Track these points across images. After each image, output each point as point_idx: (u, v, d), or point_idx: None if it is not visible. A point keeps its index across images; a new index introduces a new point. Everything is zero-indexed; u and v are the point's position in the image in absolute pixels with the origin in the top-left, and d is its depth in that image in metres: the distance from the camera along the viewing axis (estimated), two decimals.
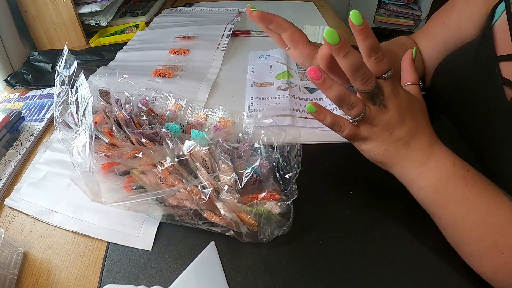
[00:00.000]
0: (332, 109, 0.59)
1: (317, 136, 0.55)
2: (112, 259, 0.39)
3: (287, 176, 0.41)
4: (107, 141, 0.43)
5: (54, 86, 0.44)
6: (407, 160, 0.36)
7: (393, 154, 0.36)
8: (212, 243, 0.39)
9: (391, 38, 0.59)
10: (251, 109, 0.61)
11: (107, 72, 0.70)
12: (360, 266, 0.37)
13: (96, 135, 0.42)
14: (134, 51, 0.81)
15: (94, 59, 0.80)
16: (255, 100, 0.63)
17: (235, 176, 0.38)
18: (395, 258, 0.38)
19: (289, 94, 0.63)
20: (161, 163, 0.39)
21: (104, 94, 0.48)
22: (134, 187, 0.39)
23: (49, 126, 0.60)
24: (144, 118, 0.48)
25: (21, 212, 0.44)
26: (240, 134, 0.48)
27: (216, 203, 0.37)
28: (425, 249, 0.39)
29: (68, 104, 0.43)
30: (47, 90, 0.68)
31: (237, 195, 0.38)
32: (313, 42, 0.48)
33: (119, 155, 0.41)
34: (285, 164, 0.42)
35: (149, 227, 0.41)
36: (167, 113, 0.53)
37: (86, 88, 0.41)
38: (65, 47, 0.45)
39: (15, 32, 0.78)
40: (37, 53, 0.78)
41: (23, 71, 0.73)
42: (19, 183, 0.48)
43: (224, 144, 0.43)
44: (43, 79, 0.73)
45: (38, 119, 0.60)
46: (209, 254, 0.38)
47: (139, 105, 0.51)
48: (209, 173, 0.39)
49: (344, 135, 0.37)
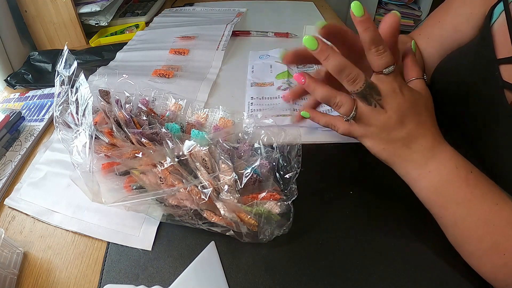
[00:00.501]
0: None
1: (317, 136, 0.55)
2: (112, 259, 0.39)
3: (287, 176, 0.41)
4: (107, 141, 0.43)
5: (54, 86, 0.44)
6: (407, 161, 0.36)
7: (392, 154, 0.36)
8: (212, 243, 0.39)
9: None
10: (251, 109, 0.61)
11: (107, 72, 0.70)
12: (360, 266, 0.37)
13: (96, 135, 0.42)
14: (134, 51, 0.81)
15: (94, 59, 0.80)
16: (255, 100, 0.63)
17: (235, 176, 0.38)
18: (395, 258, 0.38)
19: None
20: (161, 163, 0.39)
21: (104, 94, 0.48)
22: (134, 187, 0.39)
23: (49, 126, 0.60)
24: (144, 118, 0.48)
25: (21, 212, 0.44)
26: (240, 134, 0.48)
27: (216, 203, 0.37)
28: (425, 249, 0.39)
29: (68, 104, 0.43)
30: (47, 90, 0.68)
31: (237, 195, 0.38)
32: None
33: (119, 155, 0.41)
34: (285, 164, 0.42)
35: (149, 227, 0.41)
36: (167, 113, 0.53)
37: (86, 88, 0.41)
38: (65, 47, 0.45)
39: (15, 32, 0.78)
40: (37, 53, 0.78)
41: (23, 71, 0.73)
42: (19, 183, 0.48)
43: (224, 144, 0.43)
44: (43, 79, 0.73)
45: (38, 119, 0.60)
46: (209, 254, 0.38)
47: (139, 105, 0.51)
48: (209, 173, 0.39)
49: (340, 133, 0.38)
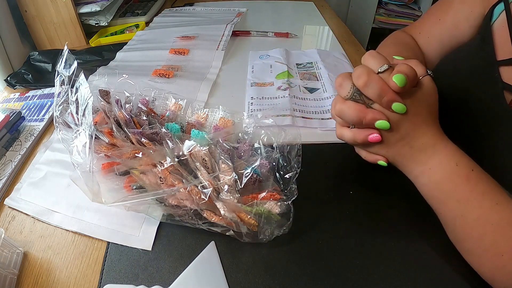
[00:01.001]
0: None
1: (317, 136, 0.55)
2: (112, 259, 0.39)
3: (287, 176, 0.41)
4: (107, 141, 0.43)
5: (54, 86, 0.44)
6: (410, 160, 0.36)
7: (396, 155, 0.37)
8: (212, 243, 0.39)
9: None
10: (251, 109, 0.61)
11: (107, 72, 0.70)
12: (360, 266, 0.37)
13: (96, 135, 0.42)
14: (134, 51, 0.81)
15: (94, 59, 0.80)
16: (255, 100, 0.63)
17: (235, 176, 0.38)
18: (395, 258, 0.38)
19: (289, 94, 0.63)
20: (161, 163, 0.39)
21: (104, 94, 0.48)
22: (134, 187, 0.39)
23: (49, 126, 0.60)
24: (144, 118, 0.48)
25: (21, 212, 0.44)
26: (240, 134, 0.48)
27: (216, 203, 0.37)
28: (425, 249, 0.39)
29: (68, 104, 0.43)
30: (47, 90, 0.68)
31: (237, 195, 0.38)
32: None
33: (119, 155, 0.41)
34: (285, 164, 0.42)
35: (149, 227, 0.41)
36: (167, 113, 0.53)
37: (86, 88, 0.41)
38: (65, 47, 0.45)
39: (15, 32, 0.78)
40: (37, 53, 0.78)
41: (23, 71, 0.73)
42: (19, 183, 0.48)
43: (224, 144, 0.43)
44: (43, 79, 0.73)
45: (38, 119, 0.60)
46: (209, 254, 0.38)
47: (139, 105, 0.51)
48: (209, 173, 0.39)
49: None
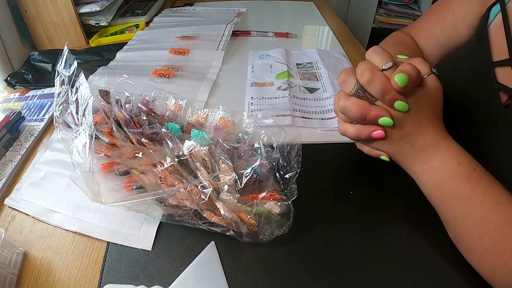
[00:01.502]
0: (333, 108, 0.59)
1: (317, 136, 0.55)
2: (112, 259, 0.39)
3: (287, 176, 0.41)
4: (107, 141, 0.43)
5: (54, 86, 0.44)
6: (411, 158, 0.37)
7: (398, 153, 0.37)
8: (212, 243, 0.39)
9: None
10: (251, 109, 0.61)
11: (107, 72, 0.70)
12: (360, 266, 0.37)
13: (96, 135, 0.42)
14: (134, 51, 0.81)
15: (94, 59, 0.80)
16: (255, 100, 0.63)
17: (235, 176, 0.38)
18: (395, 258, 0.38)
19: (289, 94, 0.63)
20: (161, 163, 0.39)
21: (104, 94, 0.48)
22: (134, 187, 0.39)
23: (49, 126, 0.60)
24: (144, 118, 0.48)
25: (21, 212, 0.44)
26: (240, 134, 0.48)
27: (216, 203, 0.37)
28: (425, 249, 0.39)
29: (68, 104, 0.43)
30: (47, 90, 0.68)
31: (237, 195, 0.38)
32: None
33: (119, 155, 0.41)
34: (285, 164, 0.42)
35: (149, 227, 0.41)
36: (167, 113, 0.53)
37: (86, 88, 0.41)
38: (65, 47, 0.45)
39: (15, 32, 0.78)
40: (37, 53, 0.78)
41: (23, 71, 0.73)
42: (19, 183, 0.48)
43: (224, 144, 0.43)
44: (43, 79, 0.73)
45: (38, 119, 0.60)
46: (209, 254, 0.38)
47: (139, 105, 0.51)
48: (209, 173, 0.39)
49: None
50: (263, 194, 0.38)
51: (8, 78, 0.71)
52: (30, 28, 0.84)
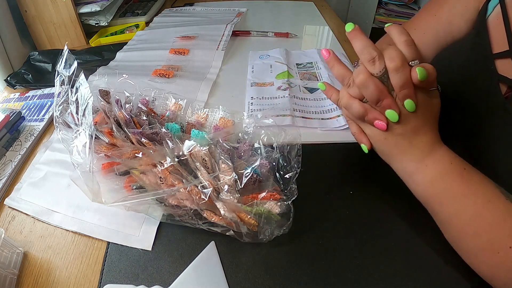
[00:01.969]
0: (333, 108, 0.59)
1: (317, 136, 0.55)
2: (112, 259, 0.39)
3: (287, 176, 0.41)
4: (107, 141, 0.43)
5: (54, 86, 0.44)
6: (406, 155, 0.37)
7: (393, 145, 0.37)
8: (212, 243, 0.39)
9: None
10: (251, 109, 0.61)
11: (107, 72, 0.70)
12: (360, 266, 0.37)
13: (96, 135, 0.42)
14: (134, 51, 0.81)
15: (94, 59, 0.80)
16: (255, 100, 0.63)
17: (235, 176, 0.38)
18: (395, 258, 0.38)
19: (289, 94, 0.63)
20: (161, 163, 0.39)
21: (104, 94, 0.48)
22: (134, 187, 0.39)
23: (49, 126, 0.60)
24: (144, 118, 0.48)
25: (21, 212, 0.44)
26: (240, 134, 0.48)
27: (216, 203, 0.37)
28: (425, 249, 0.39)
29: (68, 104, 0.43)
30: (47, 90, 0.68)
31: (237, 195, 0.38)
32: None
33: (119, 155, 0.41)
34: (285, 164, 0.42)
35: (149, 227, 0.41)
36: (167, 113, 0.53)
37: (86, 88, 0.41)
38: (65, 47, 0.45)
39: (15, 32, 0.78)
40: (37, 53, 0.78)
41: (23, 71, 0.73)
42: (19, 183, 0.48)
43: (224, 144, 0.43)
44: (43, 79, 0.73)
45: (38, 119, 0.60)
46: (209, 254, 0.38)
47: (139, 105, 0.51)
48: (209, 173, 0.39)
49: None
50: (263, 194, 0.38)
51: (8, 78, 0.71)
52: (30, 28, 0.84)
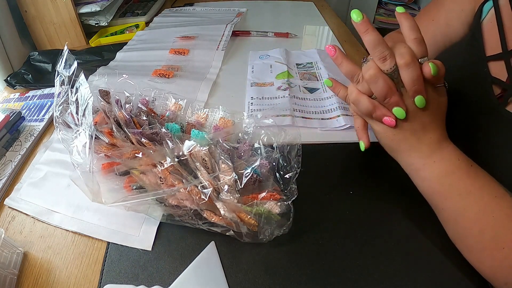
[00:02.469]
0: (333, 108, 0.59)
1: (317, 136, 0.55)
2: (112, 259, 0.39)
3: (287, 176, 0.41)
4: (107, 141, 0.43)
5: (54, 86, 0.44)
6: (414, 150, 0.37)
7: (401, 140, 0.38)
8: (212, 243, 0.39)
9: None
10: (251, 109, 0.61)
11: (107, 72, 0.70)
12: (360, 266, 0.37)
13: (96, 135, 0.42)
14: (134, 51, 0.81)
15: (94, 59, 0.80)
16: (255, 100, 0.63)
17: (235, 176, 0.38)
18: (395, 258, 0.38)
19: (289, 94, 0.63)
20: (161, 163, 0.39)
21: (104, 94, 0.48)
22: (134, 187, 0.39)
23: (49, 126, 0.60)
24: (144, 118, 0.48)
25: (21, 212, 0.44)
26: (240, 134, 0.48)
27: (216, 203, 0.37)
28: (425, 249, 0.39)
29: (68, 104, 0.43)
30: (47, 90, 0.68)
31: (237, 195, 0.38)
32: None
33: (119, 155, 0.41)
34: (285, 164, 0.42)
35: (149, 227, 0.41)
36: (167, 113, 0.53)
37: (86, 88, 0.41)
38: (65, 47, 0.45)
39: (15, 32, 0.78)
40: (37, 53, 0.78)
41: (23, 71, 0.73)
42: (19, 183, 0.48)
43: (224, 144, 0.43)
44: (43, 79, 0.73)
45: (38, 119, 0.60)
46: (209, 254, 0.38)
47: (139, 105, 0.51)
48: (209, 173, 0.39)
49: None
50: (263, 194, 0.38)
51: (8, 78, 0.71)
52: (30, 28, 0.84)
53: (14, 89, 0.71)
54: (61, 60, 0.44)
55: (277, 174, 0.42)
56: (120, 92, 0.52)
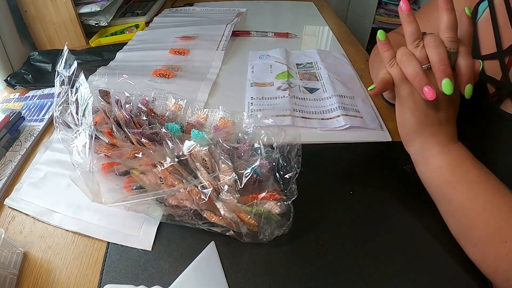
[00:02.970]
0: (333, 109, 0.59)
1: (317, 136, 0.55)
2: (112, 259, 0.39)
3: (287, 176, 0.41)
4: (107, 141, 0.43)
5: (54, 86, 0.44)
6: (434, 137, 0.38)
7: (427, 126, 0.38)
8: (212, 243, 0.39)
9: None
10: (251, 109, 0.61)
11: (107, 72, 0.70)
12: (360, 266, 0.37)
13: (96, 135, 0.42)
14: (134, 51, 0.81)
15: (94, 59, 0.80)
16: (255, 100, 0.63)
17: (235, 176, 0.38)
18: (395, 258, 0.38)
19: (289, 94, 0.63)
20: (161, 163, 0.39)
21: (104, 94, 0.48)
22: (134, 187, 0.39)
23: (49, 126, 0.60)
24: (144, 118, 0.48)
25: (21, 212, 0.44)
26: (240, 134, 0.48)
27: (216, 203, 0.37)
28: (425, 249, 0.39)
29: (68, 104, 0.43)
30: (47, 90, 0.68)
31: (237, 195, 0.38)
32: None
33: (119, 155, 0.41)
34: (285, 164, 0.42)
35: (149, 227, 0.41)
36: (167, 113, 0.53)
37: (86, 88, 0.41)
38: (65, 47, 0.45)
39: (15, 32, 0.78)
40: (37, 53, 0.78)
41: (23, 71, 0.73)
42: (19, 183, 0.48)
43: (224, 144, 0.43)
44: (43, 79, 0.73)
45: (38, 119, 0.60)
46: (209, 254, 0.38)
47: (139, 105, 0.51)
48: (209, 173, 0.39)
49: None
50: (263, 194, 0.38)
51: (8, 78, 0.71)
52: (30, 28, 0.84)
53: (14, 89, 0.71)
54: (61, 60, 0.44)
55: (277, 174, 0.42)
56: (120, 92, 0.52)
